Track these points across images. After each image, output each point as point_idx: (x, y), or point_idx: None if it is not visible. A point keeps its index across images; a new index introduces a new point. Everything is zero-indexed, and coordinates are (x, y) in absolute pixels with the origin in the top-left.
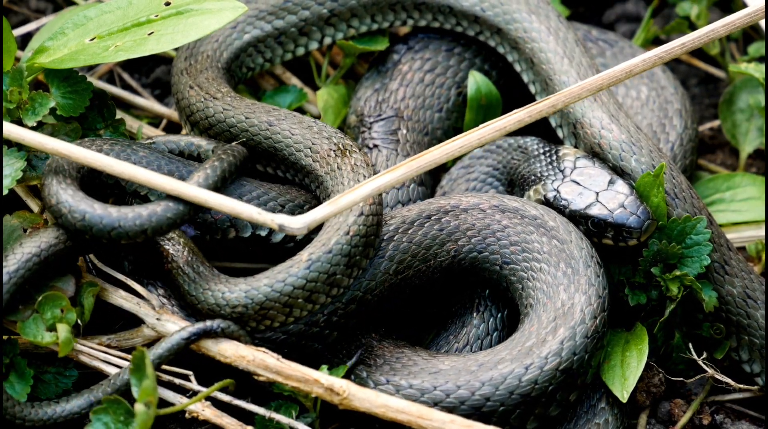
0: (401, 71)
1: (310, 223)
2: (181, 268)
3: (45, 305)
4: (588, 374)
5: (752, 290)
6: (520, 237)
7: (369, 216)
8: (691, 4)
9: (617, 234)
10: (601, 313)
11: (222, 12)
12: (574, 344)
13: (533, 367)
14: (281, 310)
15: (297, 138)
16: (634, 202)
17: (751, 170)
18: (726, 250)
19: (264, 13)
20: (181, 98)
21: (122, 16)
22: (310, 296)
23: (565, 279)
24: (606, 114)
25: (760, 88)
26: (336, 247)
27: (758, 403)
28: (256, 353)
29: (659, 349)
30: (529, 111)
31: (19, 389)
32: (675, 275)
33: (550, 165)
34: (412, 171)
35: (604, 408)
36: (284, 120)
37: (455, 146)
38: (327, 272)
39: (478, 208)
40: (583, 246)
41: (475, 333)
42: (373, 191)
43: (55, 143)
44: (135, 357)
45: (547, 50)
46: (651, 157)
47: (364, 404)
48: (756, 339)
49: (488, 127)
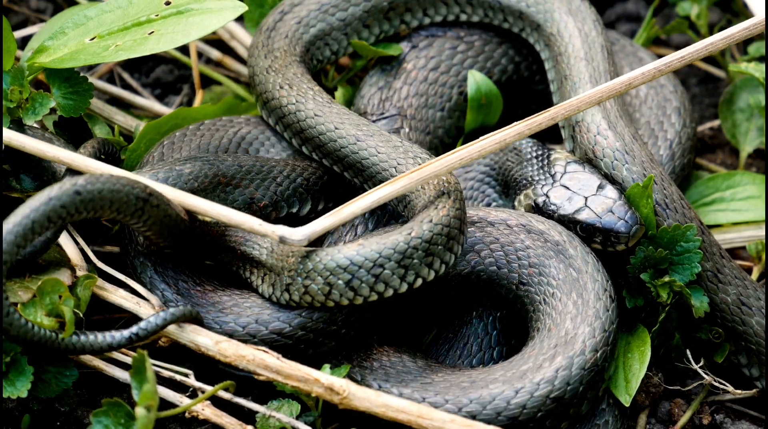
0: (405, 70)
1: (310, 235)
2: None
3: (44, 290)
4: (582, 405)
5: (746, 297)
6: (539, 260)
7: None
8: (691, 4)
9: (605, 239)
10: (604, 347)
11: (222, 11)
12: (569, 374)
13: (523, 391)
14: (395, 270)
15: (383, 157)
16: (623, 207)
17: (751, 170)
18: (719, 259)
19: (327, 6)
20: (271, 98)
21: (122, 15)
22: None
23: (573, 308)
24: (605, 120)
25: (760, 88)
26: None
27: (758, 403)
28: (256, 353)
29: (658, 350)
30: (528, 124)
31: (19, 387)
32: (664, 281)
33: (541, 169)
34: (413, 183)
35: (605, 409)
36: (372, 137)
37: (455, 158)
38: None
39: (506, 223)
40: (598, 278)
41: (474, 332)
42: (373, 203)
43: (57, 151)
44: (135, 360)
45: (571, 51)
46: (643, 167)
47: (364, 404)
48: (752, 345)
49: (488, 139)
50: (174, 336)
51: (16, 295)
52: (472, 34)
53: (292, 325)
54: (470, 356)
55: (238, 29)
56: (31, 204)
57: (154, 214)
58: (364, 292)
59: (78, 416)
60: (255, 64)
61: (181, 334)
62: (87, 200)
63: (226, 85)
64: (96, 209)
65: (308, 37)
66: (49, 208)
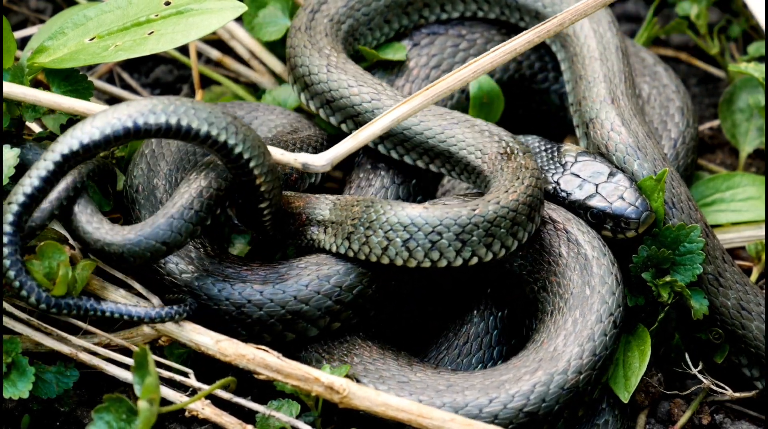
0: (408, 67)
1: (332, 160)
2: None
3: (45, 253)
4: (557, 423)
5: (746, 302)
6: (563, 271)
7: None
8: (691, 4)
9: (615, 225)
10: (589, 371)
11: (222, 11)
12: (546, 391)
13: (497, 401)
14: (452, 241)
15: (469, 141)
16: (633, 193)
17: (750, 170)
18: (721, 262)
19: (353, 2)
20: (339, 98)
21: (122, 15)
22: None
23: (571, 326)
24: (619, 117)
25: (760, 88)
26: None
27: (758, 403)
28: (256, 352)
29: (658, 350)
30: (537, 32)
31: (21, 387)
32: (665, 281)
33: (551, 160)
34: (428, 99)
35: (604, 408)
36: (457, 125)
37: (469, 71)
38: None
39: (554, 223)
40: (608, 302)
41: (474, 331)
42: (392, 122)
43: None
44: (137, 355)
45: (586, 51)
46: (654, 164)
47: (364, 403)
48: (752, 349)
49: (500, 50)
50: (174, 335)
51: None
52: (473, 32)
53: (350, 278)
54: (470, 355)
55: (237, 29)
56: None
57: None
58: (418, 255)
59: (78, 416)
60: (309, 64)
61: (180, 333)
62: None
63: (226, 86)
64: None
65: (342, 34)
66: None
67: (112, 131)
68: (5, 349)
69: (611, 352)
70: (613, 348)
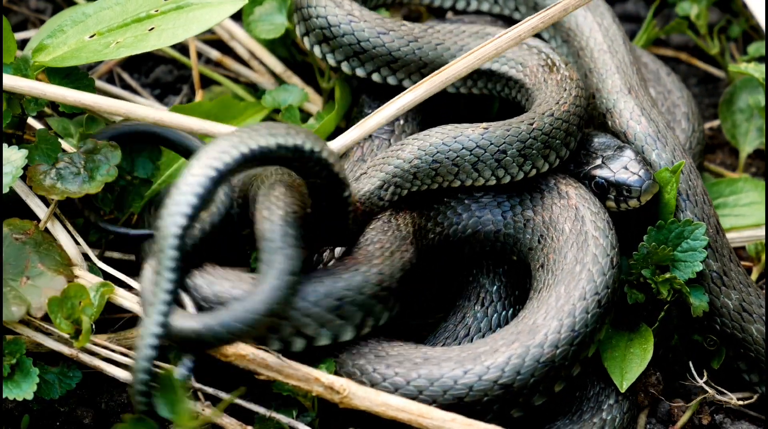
0: None
1: (339, 149)
2: None
3: (68, 294)
4: (534, 397)
5: (748, 303)
6: (561, 248)
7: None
8: (691, 4)
9: (618, 194)
10: (566, 345)
11: (222, 5)
12: (521, 363)
13: (472, 372)
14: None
15: (509, 56)
16: (637, 164)
17: (750, 170)
18: (727, 261)
19: None
20: (379, 44)
21: (121, 12)
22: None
23: (553, 300)
24: (638, 107)
25: (760, 88)
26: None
27: (758, 403)
28: (256, 352)
29: (657, 350)
30: (542, 17)
31: (25, 388)
32: (665, 278)
33: None
34: (434, 87)
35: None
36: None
37: (474, 58)
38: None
39: (567, 199)
40: (596, 281)
41: (476, 325)
42: (397, 111)
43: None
44: (164, 378)
45: (593, 44)
46: (673, 155)
47: (364, 402)
48: (751, 353)
49: (505, 36)
50: None
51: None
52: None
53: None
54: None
55: (237, 30)
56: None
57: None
58: (486, 174)
59: (78, 416)
60: (327, 14)
61: None
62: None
63: (226, 85)
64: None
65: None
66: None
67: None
68: (9, 350)
69: (592, 330)
70: (595, 327)
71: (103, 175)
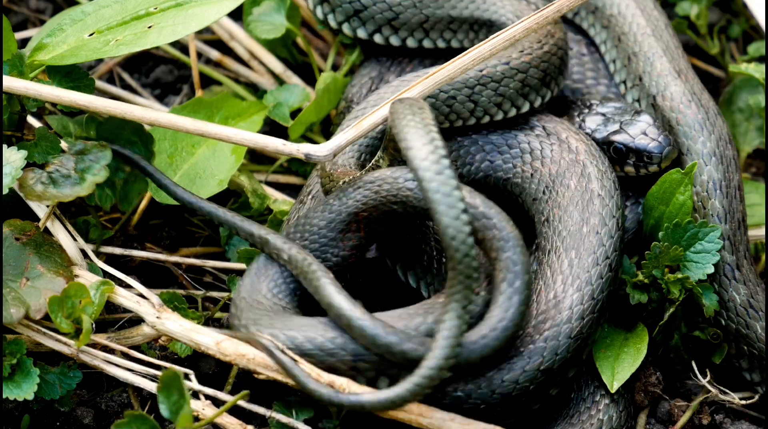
0: (401, 63)
1: (335, 149)
2: None
3: (69, 294)
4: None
5: (756, 300)
6: (565, 203)
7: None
8: (691, 4)
9: (638, 160)
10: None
11: (222, 2)
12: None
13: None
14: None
15: (508, 8)
16: (656, 130)
17: (750, 170)
18: (742, 257)
19: None
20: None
21: (120, 10)
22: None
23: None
24: (688, 91)
25: (759, 88)
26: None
27: (759, 403)
28: (256, 351)
29: (657, 349)
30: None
31: (25, 389)
32: (677, 277)
33: (576, 102)
34: (428, 88)
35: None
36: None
37: (485, 49)
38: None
39: (576, 154)
40: (596, 251)
41: None
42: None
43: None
44: (166, 377)
45: (636, 29)
46: (717, 145)
47: None
48: (755, 350)
49: (531, 18)
50: (174, 335)
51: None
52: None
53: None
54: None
55: (237, 29)
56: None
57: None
58: (506, 106)
59: (78, 416)
60: None
61: (180, 333)
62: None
63: (226, 85)
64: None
65: None
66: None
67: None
68: (10, 350)
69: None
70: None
71: (94, 175)
